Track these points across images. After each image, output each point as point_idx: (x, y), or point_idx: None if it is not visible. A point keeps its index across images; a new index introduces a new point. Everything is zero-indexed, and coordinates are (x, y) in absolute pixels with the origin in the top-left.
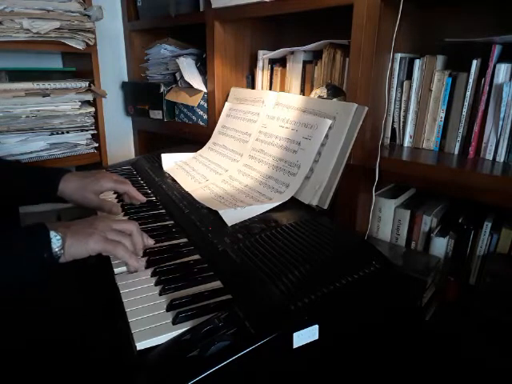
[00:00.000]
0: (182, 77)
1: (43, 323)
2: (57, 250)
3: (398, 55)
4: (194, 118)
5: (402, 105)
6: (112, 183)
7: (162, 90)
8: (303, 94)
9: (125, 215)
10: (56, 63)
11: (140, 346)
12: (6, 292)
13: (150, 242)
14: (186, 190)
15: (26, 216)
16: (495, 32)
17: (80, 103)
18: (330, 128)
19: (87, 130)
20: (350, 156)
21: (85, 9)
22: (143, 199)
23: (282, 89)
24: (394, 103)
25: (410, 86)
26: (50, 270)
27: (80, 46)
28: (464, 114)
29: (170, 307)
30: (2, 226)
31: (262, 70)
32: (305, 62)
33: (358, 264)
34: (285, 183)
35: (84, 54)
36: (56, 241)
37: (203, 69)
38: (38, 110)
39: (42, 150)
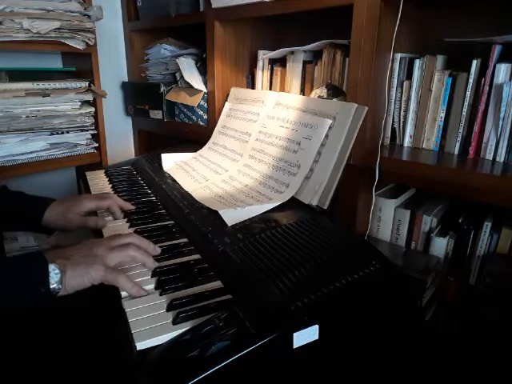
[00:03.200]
0: (181, 77)
1: (43, 323)
2: (55, 285)
3: (398, 55)
4: (194, 117)
5: (402, 105)
6: (94, 201)
7: (162, 89)
8: (303, 94)
9: (125, 216)
10: (56, 63)
11: (140, 346)
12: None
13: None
14: (186, 190)
15: None
16: (495, 32)
17: (80, 103)
18: (330, 128)
19: (87, 130)
20: (350, 156)
21: (85, 9)
22: (119, 217)
23: (282, 89)
24: (394, 103)
25: (410, 86)
26: (47, 304)
27: (80, 46)
28: (464, 114)
29: (170, 307)
30: None
31: (262, 70)
32: (305, 62)
33: (358, 264)
34: (285, 183)
35: (84, 54)
36: (54, 275)
37: (203, 69)
38: (38, 110)
39: (41, 150)
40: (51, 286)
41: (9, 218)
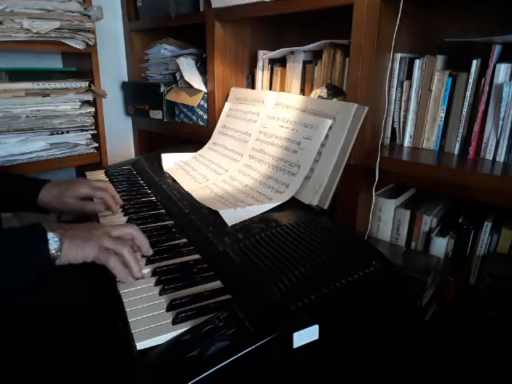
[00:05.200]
0: (181, 77)
1: (43, 323)
2: (54, 251)
3: (398, 55)
4: (194, 117)
5: (402, 105)
6: (89, 189)
7: (162, 89)
8: (303, 94)
9: (125, 215)
10: (56, 63)
11: (140, 345)
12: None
13: (150, 251)
14: (186, 189)
15: (27, 216)
16: (495, 32)
17: (80, 103)
18: (330, 128)
19: (87, 130)
20: (350, 156)
21: (85, 9)
22: (116, 210)
23: (282, 89)
24: (394, 103)
25: (410, 86)
26: (46, 271)
27: (80, 46)
28: (464, 114)
29: (170, 307)
30: None
31: (262, 70)
32: (305, 62)
33: (358, 264)
34: (285, 183)
35: (84, 54)
36: (54, 242)
37: (203, 69)
38: (38, 110)
39: (41, 150)
40: (50, 252)
41: (4, 199)
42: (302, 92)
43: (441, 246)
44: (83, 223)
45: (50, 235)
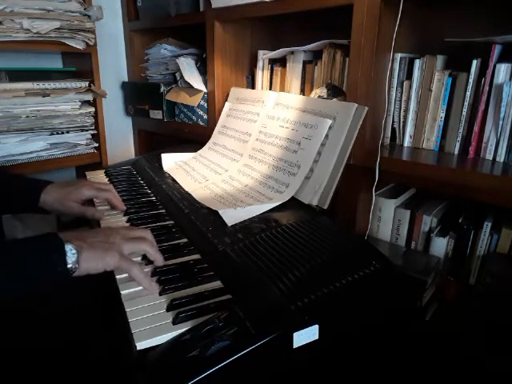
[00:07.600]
0: (181, 77)
1: (43, 323)
2: (71, 265)
3: (398, 55)
4: (194, 118)
5: (402, 105)
6: (93, 191)
7: (162, 89)
8: (303, 94)
9: (125, 215)
10: (56, 63)
11: (140, 345)
12: (16, 301)
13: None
14: (186, 189)
15: (27, 216)
16: (495, 32)
17: (80, 103)
18: (330, 128)
19: (87, 130)
20: (350, 156)
21: (85, 9)
22: (123, 208)
23: (282, 89)
24: (394, 103)
25: (410, 86)
26: (61, 283)
27: (80, 46)
28: (464, 114)
29: (170, 307)
30: None
31: (262, 70)
32: (305, 62)
33: (358, 264)
34: (285, 183)
35: (84, 54)
36: (71, 255)
37: (203, 69)
38: (38, 110)
39: (41, 150)
40: (68, 266)
41: (6, 200)
42: (302, 92)
43: (441, 246)
44: (100, 229)
45: (68, 247)
